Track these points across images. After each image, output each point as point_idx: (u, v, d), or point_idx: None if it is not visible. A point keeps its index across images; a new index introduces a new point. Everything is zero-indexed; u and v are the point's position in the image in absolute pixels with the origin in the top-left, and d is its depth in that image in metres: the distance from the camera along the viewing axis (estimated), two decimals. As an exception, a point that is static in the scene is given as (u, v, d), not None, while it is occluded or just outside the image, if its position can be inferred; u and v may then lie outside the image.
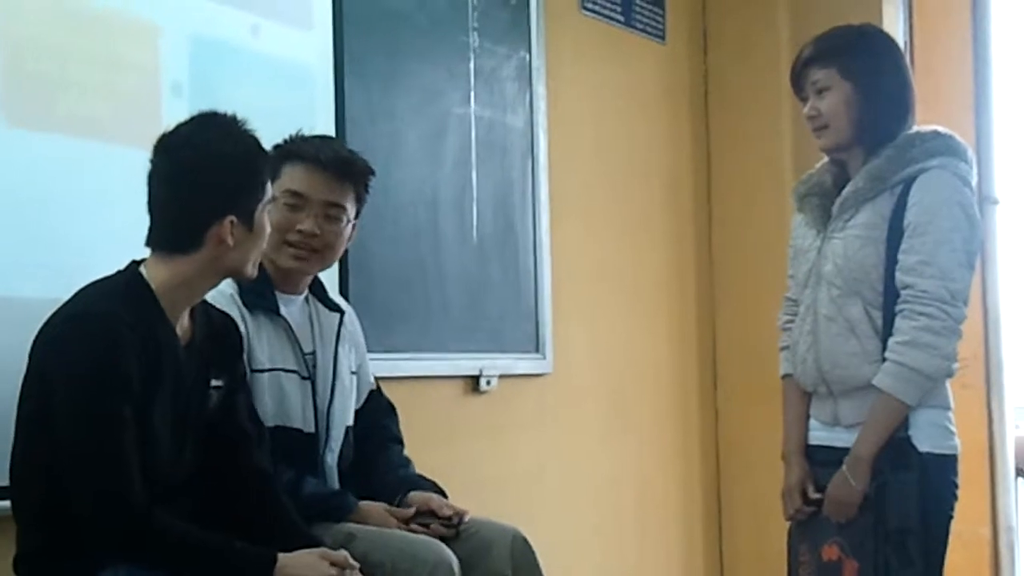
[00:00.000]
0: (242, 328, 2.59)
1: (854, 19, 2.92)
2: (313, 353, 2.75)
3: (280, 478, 2.55)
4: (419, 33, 3.63)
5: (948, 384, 2.73)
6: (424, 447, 3.03)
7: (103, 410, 2.12)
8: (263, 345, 2.64)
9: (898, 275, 2.64)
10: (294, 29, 3.18)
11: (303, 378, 2.69)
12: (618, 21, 4.53)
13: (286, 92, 3.14)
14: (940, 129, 2.75)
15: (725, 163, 4.94)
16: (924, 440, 2.65)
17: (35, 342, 2.22)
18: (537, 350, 4.01)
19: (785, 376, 2.92)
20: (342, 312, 2.84)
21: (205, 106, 2.66)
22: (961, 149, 2.72)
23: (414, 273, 3.55)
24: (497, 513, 2.84)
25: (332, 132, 3.24)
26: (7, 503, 2.33)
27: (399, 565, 2.47)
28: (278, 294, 2.70)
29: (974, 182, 2.73)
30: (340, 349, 2.79)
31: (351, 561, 2.30)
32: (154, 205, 2.29)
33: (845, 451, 2.70)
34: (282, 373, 2.66)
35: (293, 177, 2.67)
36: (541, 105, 4.06)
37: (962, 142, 2.75)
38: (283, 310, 2.69)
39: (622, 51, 4.56)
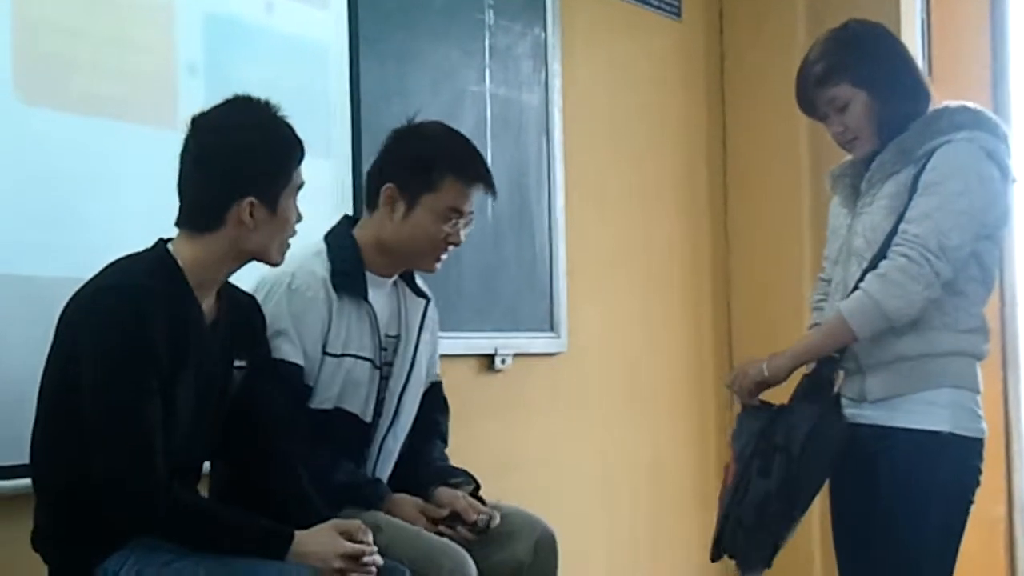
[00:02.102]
0: (326, 311, 2.61)
1: (870, -2, 2.90)
2: (397, 336, 2.77)
3: (315, 460, 2.55)
4: (434, 10, 3.62)
5: (978, 367, 2.71)
6: (440, 426, 3.04)
7: (130, 380, 2.14)
8: (341, 330, 2.64)
9: (900, 225, 2.63)
10: (308, 7, 3.18)
11: (375, 367, 2.70)
12: (633, -2, 4.51)
13: (301, 70, 3.13)
14: (969, 104, 2.74)
15: (741, 141, 4.92)
16: (947, 420, 2.63)
17: (63, 315, 2.23)
18: (552, 329, 4.01)
19: None
20: (428, 299, 2.86)
21: (220, 85, 2.67)
22: (991, 123, 2.70)
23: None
24: (510, 491, 2.85)
25: (347, 110, 3.25)
26: (20, 482, 2.35)
27: (417, 565, 2.45)
28: (369, 275, 2.70)
29: (1008, 159, 2.69)
30: (422, 336, 2.82)
31: (363, 528, 2.31)
32: (182, 185, 2.32)
33: (870, 427, 2.69)
34: (353, 359, 2.66)
35: (458, 194, 2.69)
36: (556, 83, 4.04)
37: (992, 117, 2.73)
38: (371, 294, 2.70)
39: (638, 28, 4.54)
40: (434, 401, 2.95)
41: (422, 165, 2.67)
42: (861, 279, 2.65)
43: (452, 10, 3.69)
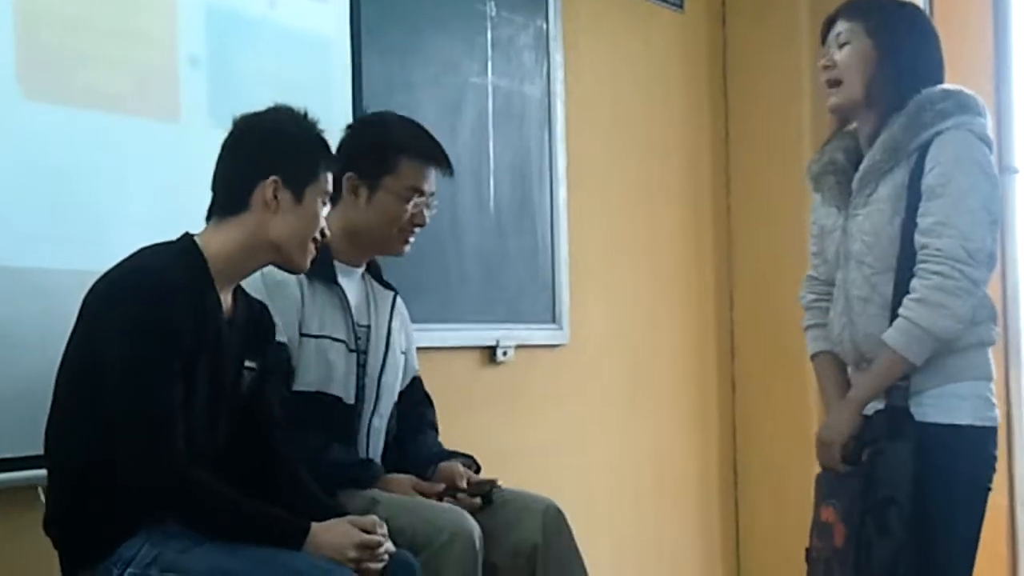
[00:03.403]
0: (297, 292, 2.67)
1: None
2: (367, 326, 2.82)
3: (307, 443, 2.60)
4: (436, 2, 3.62)
5: (990, 353, 2.69)
6: (441, 418, 3.05)
7: (155, 360, 2.16)
8: (315, 312, 2.70)
9: (916, 237, 2.60)
10: (310, 0, 3.17)
11: (350, 350, 2.75)
12: (636, -11, 4.51)
13: (303, 63, 3.13)
14: (948, 87, 2.69)
15: (743, 132, 4.92)
16: (968, 413, 2.62)
17: (87, 298, 2.25)
18: (554, 321, 4.01)
19: (816, 355, 2.88)
20: (396, 291, 2.92)
21: (222, 77, 2.69)
22: (973, 104, 2.66)
23: (431, 244, 3.54)
24: (512, 484, 2.85)
25: (349, 103, 3.25)
26: (30, 473, 2.36)
27: (419, 531, 2.50)
28: (337, 264, 2.76)
29: (991, 133, 2.67)
30: (393, 325, 2.87)
31: (378, 521, 2.33)
32: (215, 176, 2.37)
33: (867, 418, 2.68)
34: (329, 341, 2.71)
35: (416, 174, 2.78)
36: (558, 74, 4.04)
37: (973, 96, 2.69)
38: (341, 281, 2.76)
39: (640, 20, 4.54)
40: (417, 396, 3.00)
41: (379, 149, 2.77)
42: (896, 299, 2.60)
43: (454, 2, 3.68)
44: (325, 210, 2.41)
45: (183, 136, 2.76)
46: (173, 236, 2.33)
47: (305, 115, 2.41)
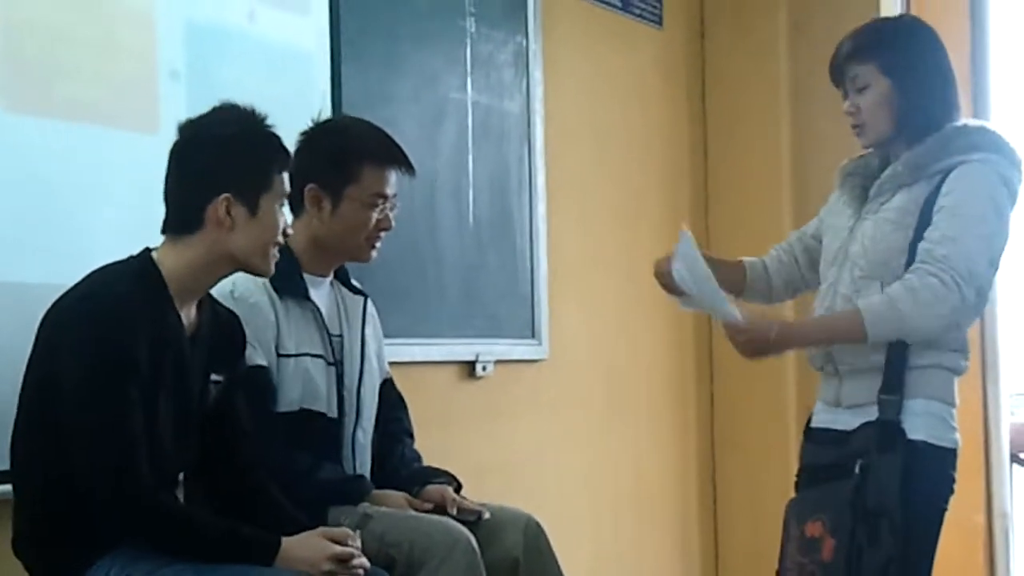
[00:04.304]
0: (271, 314, 2.64)
1: (853, 3, 2.90)
2: (340, 336, 2.80)
3: (296, 464, 2.59)
4: (416, 18, 3.62)
5: (956, 382, 2.69)
6: (420, 432, 3.04)
7: (111, 389, 2.13)
8: (291, 331, 2.68)
9: (920, 246, 2.60)
10: (291, 14, 3.17)
11: (329, 364, 2.73)
12: (615, 6, 4.52)
13: (283, 77, 3.13)
14: (988, 125, 2.72)
15: (722, 148, 4.93)
16: (920, 430, 2.62)
17: (44, 321, 2.23)
18: (533, 336, 4.01)
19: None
20: (366, 296, 2.90)
21: (202, 91, 2.68)
22: (1007, 148, 2.67)
23: (410, 258, 3.55)
24: (493, 499, 2.84)
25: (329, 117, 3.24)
26: (2, 488, 2.34)
27: (417, 544, 2.50)
28: (306, 276, 2.74)
29: (1019, 185, 2.67)
30: (366, 331, 2.85)
31: (350, 533, 2.32)
32: (166, 190, 2.32)
33: (843, 433, 2.69)
34: (308, 358, 2.69)
35: (379, 180, 2.74)
36: (538, 91, 4.05)
37: (1010, 143, 2.69)
38: (312, 294, 2.74)
39: (619, 36, 4.55)
40: (390, 399, 2.97)
41: (339, 159, 2.72)
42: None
43: (434, 17, 3.69)
44: (285, 210, 2.38)
45: (163, 149, 2.73)
46: (152, 249, 2.31)
47: (253, 113, 2.34)
